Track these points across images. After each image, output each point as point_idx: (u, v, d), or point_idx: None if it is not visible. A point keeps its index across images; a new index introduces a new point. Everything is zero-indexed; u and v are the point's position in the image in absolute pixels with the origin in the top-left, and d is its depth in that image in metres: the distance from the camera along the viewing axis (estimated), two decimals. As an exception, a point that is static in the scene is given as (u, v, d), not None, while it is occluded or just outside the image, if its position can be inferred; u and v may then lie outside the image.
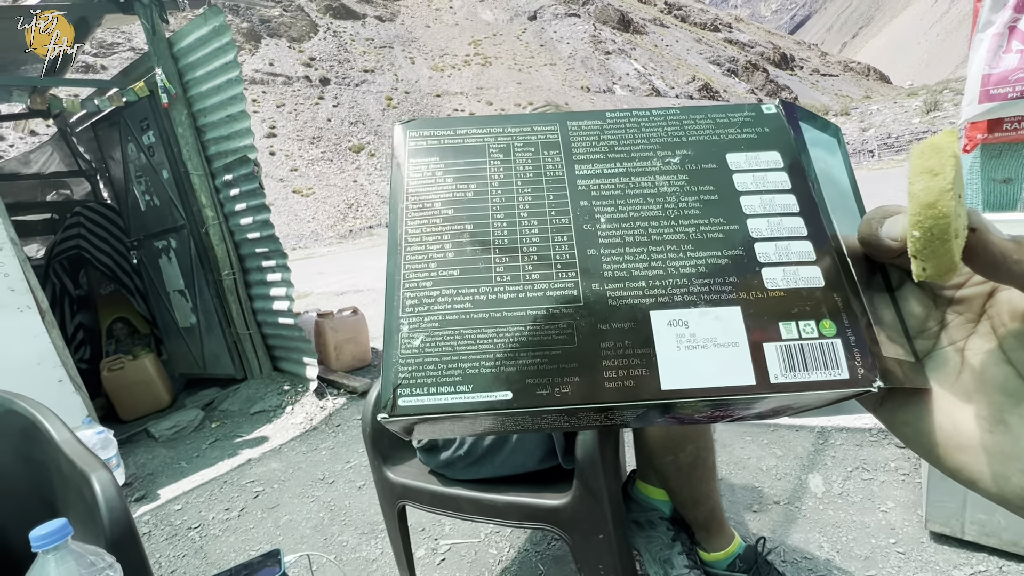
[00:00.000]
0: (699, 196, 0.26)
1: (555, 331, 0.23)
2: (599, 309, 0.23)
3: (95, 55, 37.98)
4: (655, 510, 1.05)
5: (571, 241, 0.25)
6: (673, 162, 0.27)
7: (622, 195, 0.26)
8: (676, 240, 0.25)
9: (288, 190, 33.42)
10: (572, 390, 0.21)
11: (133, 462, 2.43)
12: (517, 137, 0.28)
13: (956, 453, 0.21)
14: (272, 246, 2.86)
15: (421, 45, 64.05)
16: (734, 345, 0.22)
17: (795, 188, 0.26)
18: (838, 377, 0.21)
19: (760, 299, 0.23)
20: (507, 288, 0.24)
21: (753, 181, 0.26)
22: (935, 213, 0.18)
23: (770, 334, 0.22)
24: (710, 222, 0.25)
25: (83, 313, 3.64)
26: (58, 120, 3.86)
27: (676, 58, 74.81)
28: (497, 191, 0.26)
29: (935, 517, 1.19)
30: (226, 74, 2.67)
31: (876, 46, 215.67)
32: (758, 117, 0.28)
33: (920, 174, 0.19)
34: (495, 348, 0.22)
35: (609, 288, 0.24)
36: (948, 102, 22.13)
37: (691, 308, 0.23)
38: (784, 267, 0.24)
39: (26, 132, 24.30)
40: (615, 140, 0.28)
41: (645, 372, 0.21)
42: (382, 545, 1.53)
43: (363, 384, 2.85)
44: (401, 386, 0.22)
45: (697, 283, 0.23)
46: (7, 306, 2.09)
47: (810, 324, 0.22)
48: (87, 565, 0.58)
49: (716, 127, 0.28)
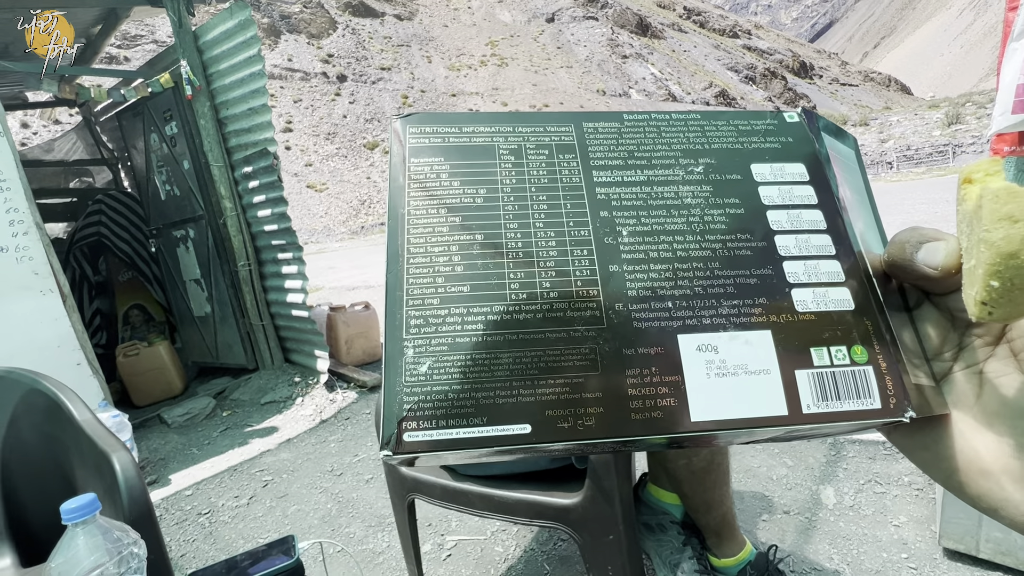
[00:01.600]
0: (725, 209, 0.24)
1: (577, 356, 0.20)
2: (624, 332, 0.21)
3: (119, 47, 38.67)
4: (666, 514, 1.05)
5: (592, 256, 0.23)
6: (696, 171, 0.25)
7: (644, 206, 0.24)
8: (703, 257, 0.23)
9: (302, 185, 33.72)
10: (596, 423, 0.19)
11: (146, 447, 2.47)
12: (529, 138, 0.26)
13: (979, 479, 0.20)
14: (288, 239, 2.89)
15: (438, 44, 64.33)
16: (765, 372, 0.21)
17: (821, 203, 0.25)
18: (871, 407, 0.20)
19: (791, 323, 0.22)
20: (523, 307, 0.21)
21: (779, 195, 0.25)
22: (1018, 264, 0.17)
23: (802, 361, 0.21)
24: (737, 238, 0.23)
25: (101, 299, 3.71)
26: (83, 109, 3.93)
27: (693, 64, 74.39)
28: (509, 197, 0.24)
29: (949, 534, 1.18)
30: (249, 67, 2.71)
31: (898, 57, 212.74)
32: (781, 126, 0.27)
33: (999, 220, 0.17)
34: (511, 375, 0.20)
35: (634, 309, 0.22)
36: (971, 115, 21.77)
37: (720, 332, 0.21)
38: (814, 288, 0.22)
39: (50, 120, 24.80)
40: (634, 145, 0.26)
41: (674, 402, 0.20)
42: (389, 539, 1.54)
43: (373, 379, 2.87)
44: (407, 419, 0.19)
45: (726, 304, 0.22)
46: (31, 288, 2.13)
47: (842, 350, 0.21)
48: (113, 540, 0.60)
49: (739, 135, 0.27)
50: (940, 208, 6.64)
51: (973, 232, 0.19)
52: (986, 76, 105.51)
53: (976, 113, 21.80)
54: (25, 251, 2.13)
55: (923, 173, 13.56)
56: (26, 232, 2.14)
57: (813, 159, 0.26)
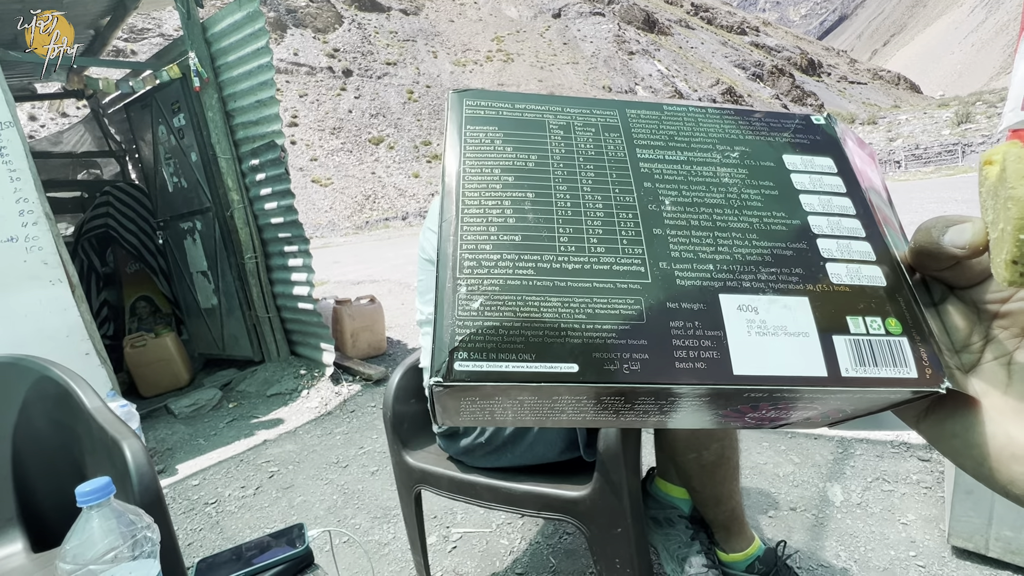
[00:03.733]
0: (760, 190, 0.26)
1: (623, 306, 0.21)
2: (668, 288, 0.22)
3: (126, 40, 38.75)
4: (674, 508, 1.05)
5: (636, 219, 0.24)
6: (732, 156, 0.27)
7: (685, 181, 0.26)
8: (741, 228, 0.24)
9: (307, 179, 33.76)
10: (641, 367, 0.20)
11: (153, 437, 2.49)
12: (577, 117, 0.28)
13: (1011, 464, 0.21)
14: (295, 231, 2.90)
15: (444, 40, 64.12)
16: (804, 335, 0.21)
17: (850, 192, 0.26)
18: (907, 375, 0.21)
19: (826, 292, 0.22)
20: (572, 258, 0.22)
21: (810, 182, 0.26)
22: None
23: (839, 327, 0.22)
24: (772, 215, 0.25)
25: (108, 290, 3.73)
26: (91, 101, 3.95)
27: (700, 60, 73.86)
28: (559, 164, 0.26)
29: (958, 532, 1.17)
30: (257, 60, 2.71)
31: (907, 55, 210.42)
32: (808, 126, 0.29)
33: (1022, 178, 0.18)
34: (560, 318, 0.21)
35: (677, 268, 0.23)
36: (981, 114, 21.55)
37: (760, 295, 0.22)
38: (847, 264, 0.23)
39: (58, 113, 24.91)
40: (674, 131, 0.28)
41: (716, 355, 0.20)
42: (394, 530, 1.54)
43: (378, 372, 2.88)
44: (458, 349, 0.20)
45: (764, 271, 0.23)
46: (40, 279, 2.15)
47: (877, 320, 0.22)
48: (127, 524, 0.60)
49: (770, 130, 0.28)
50: (950, 208, 6.58)
51: (998, 199, 0.19)
52: (997, 74, 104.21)
53: (987, 112, 21.56)
54: (35, 241, 2.14)
55: (931, 173, 13.43)
56: (36, 222, 2.15)
57: (840, 154, 0.27)
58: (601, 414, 0.23)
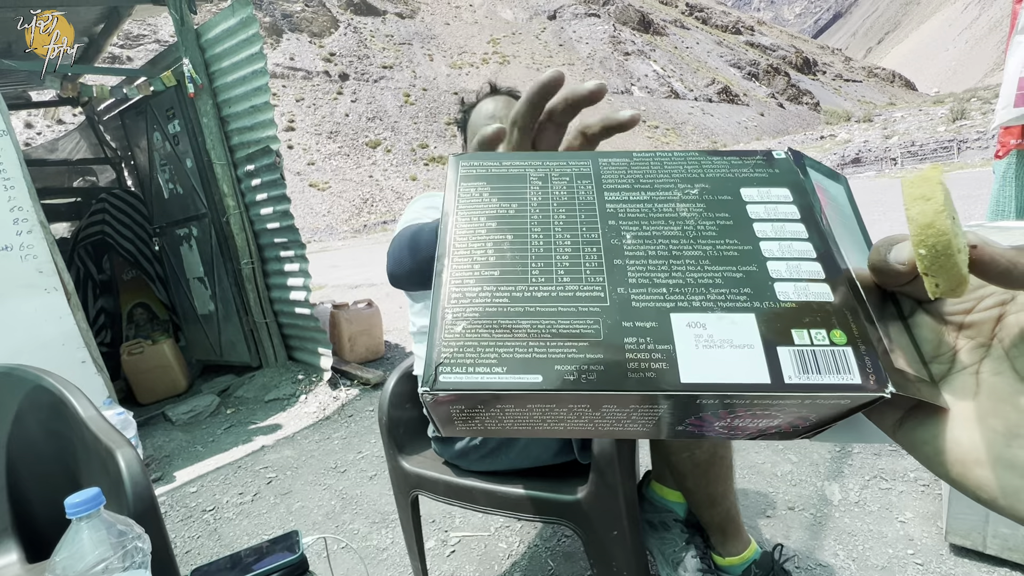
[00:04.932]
0: (715, 221, 0.28)
1: (583, 325, 0.24)
2: (624, 309, 0.25)
3: (121, 46, 38.75)
4: (669, 511, 1.04)
5: (599, 253, 0.27)
6: (692, 193, 0.29)
7: (646, 217, 0.29)
8: (694, 256, 0.27)
9: (305, 184, 33.76)
10: (597, 377, 0.23)
11: (150, 444, 2.48)
12: (554, 168, 0.31)
13: (975, 468, 0.22)
14: (291, 236, 2.90)
15: (440, 42, 64.23)
16: (749, 347, 0.23)
17: (804, 219, 0.28)
18: (851, 382, 0.22)
19: (773, 309, 0.24)
20: (541, 288, 0.26)
21: (765, 211, 0.28)
22: (935, 231, 0.21)
23: (783, 339, 0.23)
24: (725, 242, 0.27)
25: (105, 297, 3.73)
26: (86, 108, 3.94)
27: (696, 60, 74.05)
28: (535, 209, 0.29)
29: (956, 529, 1.17)
30: (251, 65, 2.71)
31: (902, 52, 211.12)
32: (769, 160, 0.31)
33: (915, 200, 0.22)
34: (528, 338, 0.24)
35: (633, 292, 0.25)
36: (976, 110, 21.63)
37: (709, 313, 0.24)
38: (795, 283, 0.25)
39: (53, 120, 24.86)
40: (640, 174, 0.31)
41: (665, 366, 0.23)
42: (392, 535, 1.54)
43: (376, 376, 2.87)
44: (442, 364, 0.23)
45: (714, 292, 0.25)
46: (35, 287, 2.14)
47: (821, 332, 0.24)
48: (117, 534, 0.60)
49: (731, 167, 0.31)
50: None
51: None
52: (991, 71, 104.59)
53: (981, 108, 21.63)
54: (30, 249, 2.14)
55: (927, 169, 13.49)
56: (30, 231, 2.15)
57: (798, 186, 0.29)
58: (577, 423, 0.25)
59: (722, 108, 60.15)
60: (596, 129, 0.36)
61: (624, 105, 55.75)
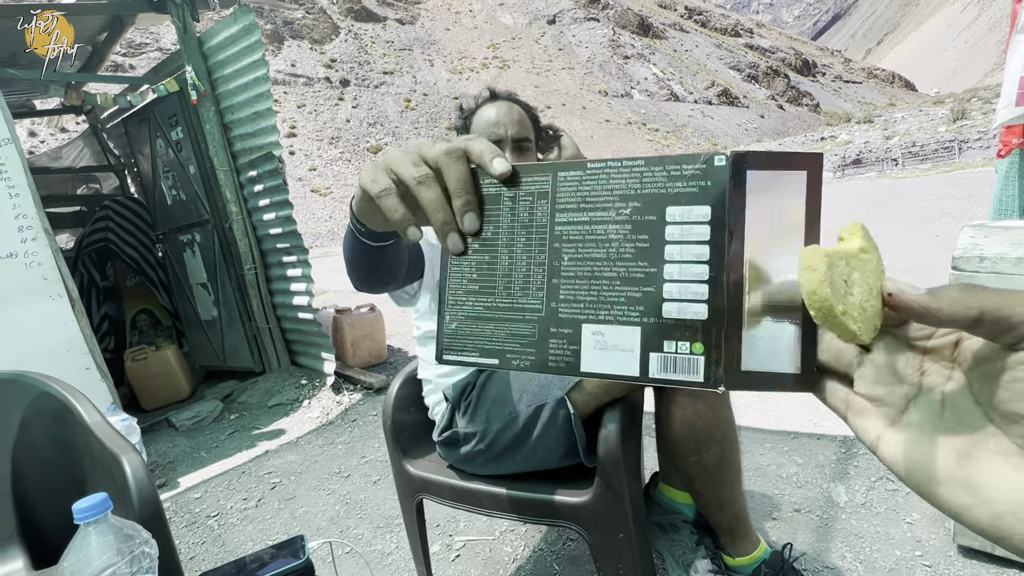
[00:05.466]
0: (635, 243, 0.34)
1: (526, 329, 0.36)
2: (552, 319, 0.35)
3: (124, 55, 39.00)
4: (678, 513, 1.04)
5: (543, 273, 0.36)
6: (624, 213, 0.35)
7: (582, 240, 0.35)
8: (610, 277, 0.34)
9: (306, 189, 33.87)
10: (531, 363, 0.35)
11: (154, 450, 2.48)
12: (521, 187, 0.37)
13: (936, 486, 0.24)
14: (293, 242, 2.90)
15: (440, 48, 64.52)
16: (631, 351, 0.33)
17: (712, 240, 0.32)
18: (694, 380, 0.31)
19: (656, 323, 0.33)
20: (502, 301, 0.37)
21: (680, 232, 0.33)
22: (818, 298, 0.25)
23: (656, 347, 0.32)
24: (637, 265, 0.34)
25: (109, 304, 3.74)
26: (90, 116, 3.97)
27: (695, 63, 74.22)
28: (504, 232, 0.37)
29: (964, 531, 1.16)
30: (254, 72, 2.73)
31: (901, 53, 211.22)
32: (707, 170, 0.33)
33: (802, 271, 0.26)
34: (493, 335, 0.37)
35: (561, 307, 0.35)
36: (976, 110, 21.59)
37: (609, 325, 0.34)
38: (680, 303, 0.32)
39: (57, 129, 24.99)
40: (588, 191, 0.36)
41: (573, 360, 0.34)
42: (397, 539, 1.54)
43: (379, 380, 2.87)
44: (443, 349, 0.38)
45: (616, 308, 0.34)
46: (39, 294, 2.15)
47: (686, 344, 0.32)
48: (125, 539, 0.60)
49: (668, 180, 0.34)
50: (947, 204, 6.58)
51: None
52: (992, 71, 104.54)
53: (982, 108, 21.60)
54: (34, 257, 2.15)
55: (929, 169, 13.44)
56: (35, 238, 2.16)
57: (720, 201, 0.32)
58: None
59: (722, 111, 60.24)
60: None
61: (624, 108, 55.84)
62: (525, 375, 0.94)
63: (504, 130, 1.06)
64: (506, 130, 1.06)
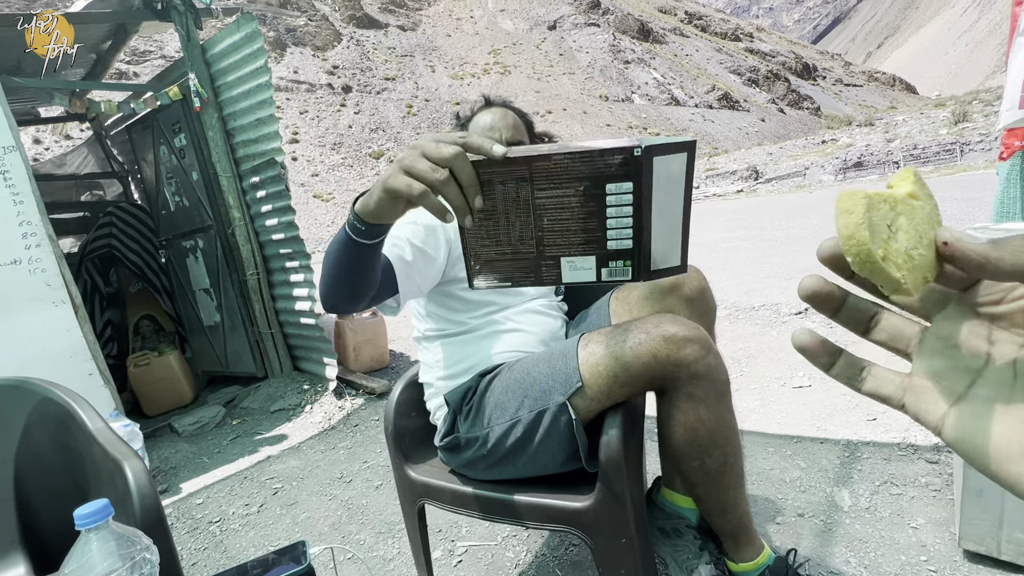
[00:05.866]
0: (588, 208, 0.55)
1: (525, 264, 0.59)
2: (541, 255, 0.58)
3: (128, 62, 39.31)
4: (681, 518, 1.04)
5: (532, 229, 0.57)
6: (580, 189, 0.54)
7: (555, 207, 0.55)
8: (575, 229, 0.56)
9: (309, 195, 34.00)
10: (530, 282, 0.59)
11: (157, 456, 2.48)
12: (508, 174, 0.54)
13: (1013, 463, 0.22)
14: (296, 247, 2.91)
15: (442, 54, 64.85)
16: (590, 269, 0.58)
17: (634, 204, 0.54)
18: (627, 279, 0.58)
19: (603, 252, 0.57)
20: (506, 248, 0.58)
21: (615, 200, 0.54)
22: (855, 242, 0.23)
23: (603, 265, 0.57)
24: (590, 221, 0.55)
25: (112, 310, 3.75)
26: (94, 123, 4.00)
27: (696, 67, 74.41)
28: (500, 205, 0.56)
29: (969, 535, 1.15)
30: (256, 79, 2.74)
31: (901, 56, 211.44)
32: (629, 159, 0.51)
33: (840, 214, 0.24)
34: (504, 269, 0.59)
35: (545, 249, 0.57)
36: (978, 113, 21.59)
37: (577, 256, 0.57)
38: (616, 241, 0.56)
39: (61, 136, 25.16)
40: (555, 174, 0.53)
41: (558, 275, 0.59)
42: (399, 545, 1.53)
43: (381, 385, 2.87)
44: (474, 280, 0.60)
45: (580, 246, 0.57)
46: (43, 300, 2.16)
47: (620, 262, 0.57)
48: (126, 545, 0.60)
49: (606, 165, 0.52)
50: (949, 206, 6.56)
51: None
52: (992, 73, 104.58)
53: (983, 111, 21.59)
54: (38, 263, 2.16)
55: (931, 172, 13.42)
56: (39, 244, 2.17)
57: (638, 178, 0.52)
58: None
59: (723, 114, 60.30)
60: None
61: (625, 112, 55.97)
62: (527, 381, 0.95)
63: (499, 134, 1.08)
64: (501, 134, 1.08)
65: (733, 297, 3.62)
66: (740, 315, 3.26)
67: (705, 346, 0.85)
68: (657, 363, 0.85)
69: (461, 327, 1.12)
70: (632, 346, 0.86)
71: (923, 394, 0.25)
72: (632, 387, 0.89)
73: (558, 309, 1.27)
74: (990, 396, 0.23)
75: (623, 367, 0.87)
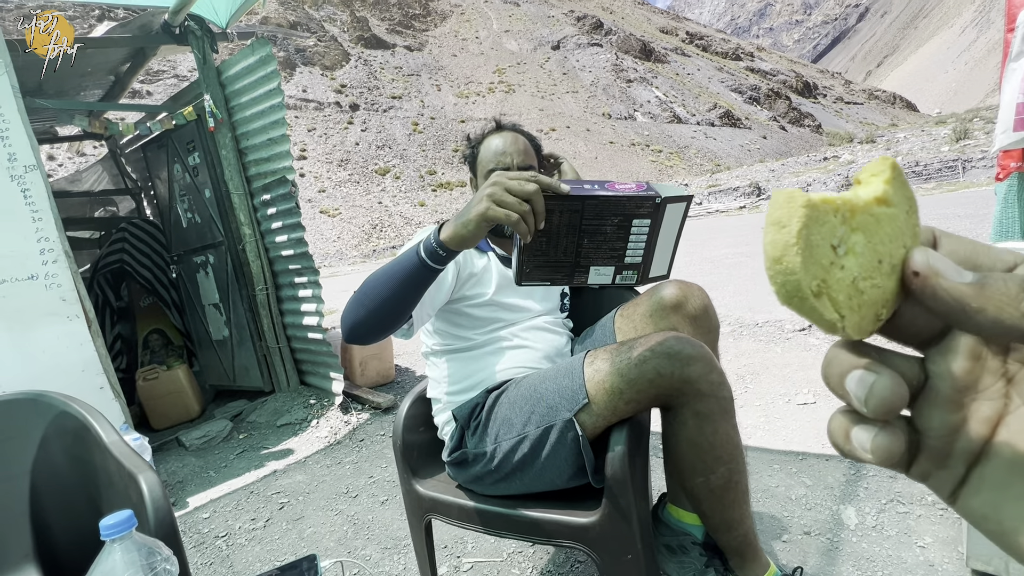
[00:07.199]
0: (617, 234, 0.79)
1: (564, 269, 0.83)
2: (579, 264, 0.82)
3: (142, 81, 40.21)
4: (687, 534, 1.04)
5: (576, 245, 0.80)
6: (614, 221, 0.78)
7: (594, 232, 0.79)
8: (605, 248, 0.81)
9: (316, 210, 34.35)
10: (566, 281, 0.85)
11: (164, 469, 2.50)
12: (565, 208, 0.76)
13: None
14: (305, 263, 2.96)
15: (447, 73, 65.98)
16: (608, 275, 0.84)
17: (648, 236, 0.80)
18: (631, 283, 0.86)
19: (620, 264, 0.83)
20: (552, 258, 0.81)
21: (637, 230, 0.79)
22: (781, 268, 0.17)
23: (620, 273, 0.84)
24: (617, 243, 0.80)
25: (122, 324, 3.79)
26: (109, 141, 4.10)
27: (697, 86, 75.32)
28: (555, 227, 0.78)
29: (977, 555, 1.15)
30: (269, 100, 2.82)
31: (901, 75, 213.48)
32: (652, 204, 0.77)
33: (770, 225, 0.17)
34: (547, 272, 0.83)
35: (582, 259, 0.82)
36: (979, 130, 21.70)
37: (603, 266, 0.83)
38: (631, 257, 0.82)
39: (75, 153, 25.63)
40: (599, 210, 0.76)
41: (585, 279, 0.84)
42: (405, 561, 1.53)
43: (387, 400, 2.88)
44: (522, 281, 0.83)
45: (607, 260, 0.82)
46: (58, 315, 2.20)
47: (630, 271, 0.85)
48: (147, 555, 0.62)
49: (636, 207, 0.77)
50: (952, 223, 6.58)
51: None
52: (992, 92, 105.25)
53: (984, 128, 21.70)
54: (54, 279, 2.21)
55: (933, 189, 13.45)
56: (56, 260, 2.22)
57: (654, 218, 0.78)
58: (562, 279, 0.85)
59: (724, 132, 60.81)
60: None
61: (628, 130, 56.51)
62: (533, 398, 0.98)
63: (511, 159, 1.11)
64: (512, 159, 1.11)
65: (736, 313, 3.63)
66: (744, 331, 3.27)
67: (709, 363, 0.87)
68: (662, 380, 0.87)
69: (468, 343, 1.15)
70: (637, 363, 0.88)
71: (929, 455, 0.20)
72: (637, 404, 0.91)
73: (563, 326, 1.29)
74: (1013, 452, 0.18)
75: (628, 384, 0.89)
